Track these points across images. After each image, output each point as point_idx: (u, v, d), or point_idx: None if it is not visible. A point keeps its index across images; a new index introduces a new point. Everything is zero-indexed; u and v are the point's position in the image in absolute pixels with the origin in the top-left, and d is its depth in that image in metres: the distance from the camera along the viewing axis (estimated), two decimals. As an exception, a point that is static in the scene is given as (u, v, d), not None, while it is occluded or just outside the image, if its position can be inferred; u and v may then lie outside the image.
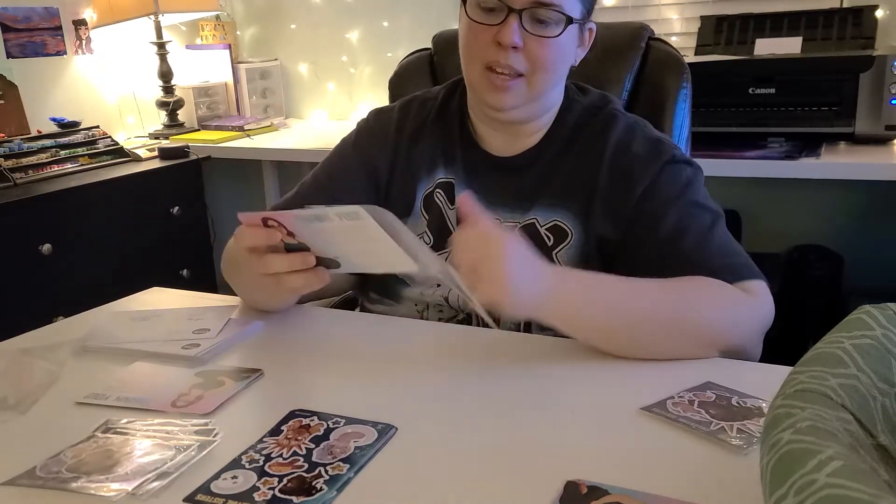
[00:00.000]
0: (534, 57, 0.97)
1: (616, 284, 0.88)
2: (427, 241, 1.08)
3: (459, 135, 1.10)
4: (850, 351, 0.53)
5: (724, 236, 0.97)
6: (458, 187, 1.08)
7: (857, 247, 2.22)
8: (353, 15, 2.92)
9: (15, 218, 2.01)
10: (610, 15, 2.50)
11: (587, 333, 0.88)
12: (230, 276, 1.09)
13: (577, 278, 0.88)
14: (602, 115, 1.06)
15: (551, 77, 1.01)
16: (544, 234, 1.03)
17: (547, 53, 0.98)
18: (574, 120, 1.07)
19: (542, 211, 1.04)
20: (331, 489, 0.65)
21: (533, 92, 1.00)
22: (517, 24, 0.95)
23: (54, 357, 0.95)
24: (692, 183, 1.00)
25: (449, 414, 0.78)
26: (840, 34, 2.13)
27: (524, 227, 1.04)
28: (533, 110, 1.04)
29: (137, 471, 0.68)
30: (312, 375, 0.90)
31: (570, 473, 0.66)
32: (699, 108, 1.34)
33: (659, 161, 1.00)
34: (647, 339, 0.87)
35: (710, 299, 0.89)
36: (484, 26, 0.97)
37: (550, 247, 1.03)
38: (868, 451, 0.47)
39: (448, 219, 1.08)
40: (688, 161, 1.03)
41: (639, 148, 1.02)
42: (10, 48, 2.46)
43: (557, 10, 0.96)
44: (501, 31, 0.95)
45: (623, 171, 1.01)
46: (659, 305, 0.87)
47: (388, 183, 1.11)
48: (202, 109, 2.91)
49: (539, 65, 0.98)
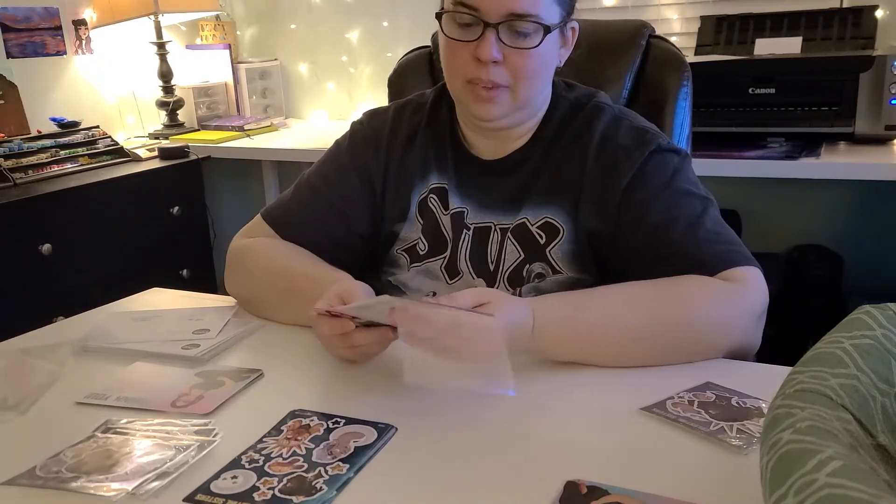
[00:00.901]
0: (515, 69, 0.96)
1: (599, 305, 0.88)
2: (422, 247, 1.08)
3: (450, 140, 1.09)
4: (850, 351, 0.53)
5: (715, 223, 0.96)
6: (450, 192, 1.07)
7: (857, 247, 2.22)
8: (352, 15, 2.92)
9: (15, 218, 2.01)
10: (610, 15, 2.50)
11: (582, 358, 0.88)
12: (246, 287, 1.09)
13: (556, 310, 0.87)
14: (587, 108, 1.05)
15: (535, 85, 1.00)
16: (536, 233, 1.02)
17: (528, 64, 0.96)
18: (560, 116, 1.06)
19: (532, 210, 1.03)
20: (331, 489, 0.65)
21: (518, 101, 0.99)
22: (494, 38, 0.93)
23: (54, 357, 0.95)
24: (679, 171, 0.99)
25: (449, 414, 0.78)
26: (840, 34, 2.13)
27: (516, 228, 1.03)
28: (520, 116, 1.03)
29: (137, 471, 0.68)
30: (312, 375, 0.90)
31: (570, 473, 0.66)
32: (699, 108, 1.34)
33: (644, 151, 0.99)
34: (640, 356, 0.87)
35: (700, 308, 0.88)
36: (462, 42, 0.96)
37: (543, 245, 1.02)
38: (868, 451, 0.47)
39: (442, 224, 1.07)
40: (675, 149, 1.01)
41: (624, 139, 1.01)
42: (10, 48, 2.46)
43: (534, 21, 0.94)
44: (479, 46, 0.94)
45: (608, 163, 1.00)
46: (646, 322, 0.86)
47: (383, 188, 1.10)
48: (202, 109, 2.91)
49: (521, 76, 0.97)
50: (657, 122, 1.12)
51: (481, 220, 1.06)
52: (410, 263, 1.08)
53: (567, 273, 1.01)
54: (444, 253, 1.07)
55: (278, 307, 1.04)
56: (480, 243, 1.05)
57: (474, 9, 0.93)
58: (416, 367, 0.82)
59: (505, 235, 1.04)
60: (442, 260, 1.07)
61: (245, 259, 1.09)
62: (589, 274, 1.01)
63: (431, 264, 1.07)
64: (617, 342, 0.87)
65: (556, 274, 1.02)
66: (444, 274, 1.07)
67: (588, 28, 1.07)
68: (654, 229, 0.95)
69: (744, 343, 0.90)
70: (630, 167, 0.98)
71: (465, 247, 1.06)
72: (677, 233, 0.94)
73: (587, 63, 1.08)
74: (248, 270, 1.08)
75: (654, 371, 0.85)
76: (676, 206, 0.96)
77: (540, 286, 1.02)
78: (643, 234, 0.96)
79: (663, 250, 0.94)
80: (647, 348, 0.86)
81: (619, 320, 0.87)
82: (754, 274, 0.91)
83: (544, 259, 1.02)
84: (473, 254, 1.05)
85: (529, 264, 1.02)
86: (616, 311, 0.88)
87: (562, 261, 1.01)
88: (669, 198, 0.97)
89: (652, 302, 0.88)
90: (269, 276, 1.05)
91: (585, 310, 0.88)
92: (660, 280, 0.90)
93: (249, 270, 1.08)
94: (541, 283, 1.02)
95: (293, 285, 1.01)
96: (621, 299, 0.89)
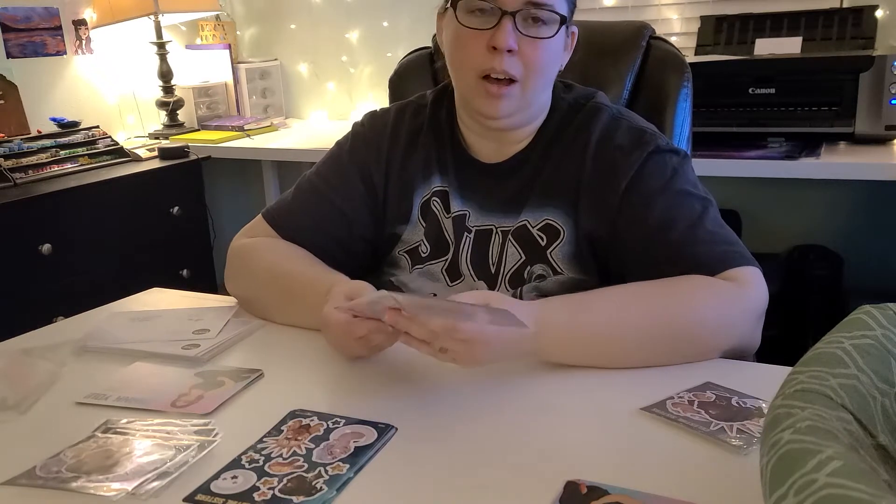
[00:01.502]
0: (528, 59, 0.96)
1: (601, 307, 0.88)
2: (424, 249, 1.08)
3: (450, 143, 1.09)
4: (850, 351, 0.53)
5: (715, 223, 0.96)
6: (452, 195, 1.07)
7: (857, 247, 2.22)
8: (353, 15, 2.92)
9: (15, 218, 2.01)
10: (610, 15, 2.50)
11: (584, 361, 0.88)
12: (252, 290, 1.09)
13: (558, 313, 0.87)
14: (585, 109, 1.05)
15: (543, 80, 1.01)
16: (536, 235, 1.02)
17: (540, 55, 0.97)
18: (559, 117, 1.06)
19: (532, 212, 1.03)
20: (331, 489, 0.65)
21: (526, 96, 0.99)
22: (511, 26, 0.94)
23: (54, 357, 0.95)
24: (678, 171, 0.99)
25: (449, 414, 0.78)
26: (840, 34, 2.13)
27: (517, 230, 1.03)
28: (524, 117, 1.03)
29: (137, 471, 0.68)
30: (312, 375, 0.90)
31: (570, 473, 0.66)
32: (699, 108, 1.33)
33: (642, 152, 0.98)
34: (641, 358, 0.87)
35: (701, 309, 0.88)
36: (476, 32, 0.95)
37: (544, 246, 1.02)
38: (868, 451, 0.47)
39: (444, 227, 1.07)
40: (674, 149, 1.01)
41: (622, 139, 1.00)
42: (10, 48, 2.46)
43: (550, 10, 0.95)
44: (496, 34, 0.94)
45: (607, 164, 1.00)
46: (648, 323, 0.86)
47: (385, 189, 1.10)
48: (202, 109, 2.91)
49: (533, 67, 0.97)
50: (657, 123, 1.12)
51: (483, 222, 1.06)
52: (412, 265, 1.08)
53: (568, 274, 1.01)
54: (445, 255, 1.06)
55: (275, 308, 1.04)
56: (482, 246, 1.05)
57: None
58: None
59: (506, 238, 1.04)
60: (443, 262, 1.07)
61: (244, 259, 1.09)
62: (589, 274, 1.01)
63: (433, 266, 1.07)
64: (619, 344, 0.86)
65: (557, 275, 1.02)
66: (444, 276, 1.06)
67: (589, 29, 1.07)
68: (653, 230, 0.95)
69: (743, 343, 0.90)
70: (629, 168, 0.98)
71: (467, 250, 1.05)
72: (677, 233, 0.94)
73: (588, 64, 1.08)
74: (247, 270, 1.08)
75: (654, 371, 0.85)
76: (676, 207, 0.96)
77: (541, 286, 1.02)
78: (643, 235, 0.96)
79: (663, 251, 0.94)
80: (648, 350, 0.86)
81: (622, 322, 0.87)
82: (754, 274, 0.91)
83: (545, 261, 1.02)
84: (475, 256, 1.05)
85: (530, 266, 1.02)
86: (618, 313, 0.87)
87: (562, 262, 1.01)
88: (669, 198, 0.96)
89: (653, 303, 0.88)
90: (266, 276, 1.05)
91: (588, 312, 0.88)
92: (660, 281, 0.91)
93: (249, 270, 1.08)
94: (541, 283, 1.02)
95: (289, 286, 1.02)
96: (623, 301, 0.89)
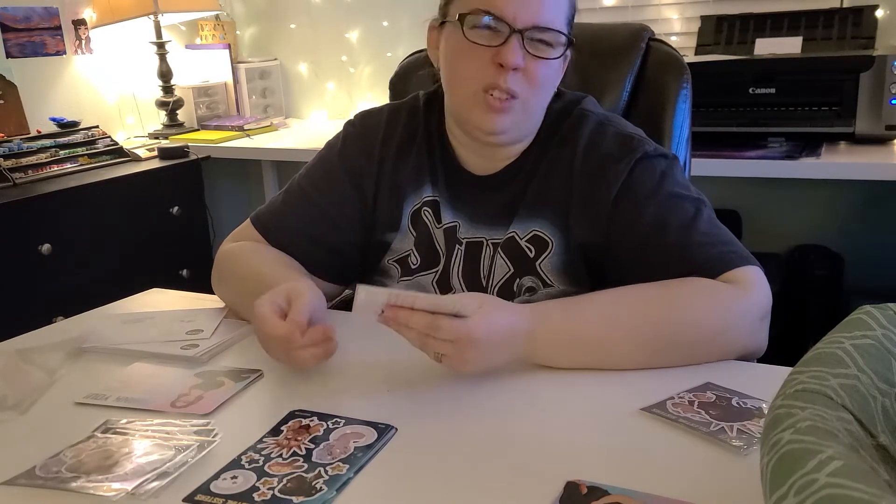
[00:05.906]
0: (532, 77, 0.95)
1: (597, 310, 0.88)
2: (414, 260, 1.07)
3: (440, 154, 1.08)
4: (851, 351, 0.53)
5: (709, 224, 0.95)
6: (442, 206, 1.06)
7: (857, 247, 2.22)
8: (352, 15, 2.92)
9: (15, 218, 2.01)
10: (610, 15, 2.50)
11: (579, 364, 0.87)
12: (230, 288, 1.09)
13: (554, 315, 0.87)
14: (572, 117, 1.04)
15: (543, 99, 1.00)
16: (525, 247, 1.01)
17: (545, 73, 0.96)
18: (547, 128, 1.04)
19: (520, 223, 1.02)
20: (330, 489, 0.65)
21: (527, 113, 0.98)
22: (519, 45, 0.93)
23: (53, 357, 0.95)
24: (667, 175, 0.97)
25: (449, 414, 0.78)
26: (840, 34, 2.13)
27: (506, 243, 1.02)
28: (520, 133, 1.02)
29: (137, 471, 0.68)
30: (312, 375, 0.90)
31: (570, 473, 0.66)
32: (699, 108, 1.33)
33: (630, 159, 0.97)
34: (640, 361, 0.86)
35: (701, 312, 0.87)
36: (482, 48, 0.94)
37: (532, 258, 1.01)
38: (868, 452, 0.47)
39: (435, 238, 1.06)
40: (661, 153, 1.00)
41: (609, 147, 0.99)
42: (9, 48, 2.46)
43: (557, 32, 0.95)
44: (503, 51, 0.93)
45: (595, 173, 0.99)
46: (646, 326, 0.86)
47: (375, 193, 1.09)
48: (202, 109, 2.91)
49: (536, 85, 0.96)
50: (657, 125, 1.12)
51: (473, 234, 1.05)
52: (401, 275, 1.07)
53: (558, 286, 1.00)
54: (436, 267, 1.06)
55: (247, 312, 1.02)
56: (473, 259, 1.04)
57: (500, 16, 0.93)
58: (368, 300, 0.81)
59: (496, 251, 1.03)
60: (433, 274, 1.06)
61: (226, 264, 1.09)
62: (581, 286, 1.00)
63: (423, 278, 1.06)
64: (616, 348, 0.86)
65: (548, 287, 1.01)
66: (435, 288, 1.06)
67: (589, 32, 1.07)
68: (647, 236, 0.94)
69: (748, 345, 0.89)
70: (617, 177, 0.97)
71: (458, 262, 1.05)
72: (671, 236, 0.93)
73: (588, 66, 1.08)
74: (229, 274, 1.08)
75: (655, 371, 0.85)
76: (668, 211, 0.95)
77: (531, 300, 1.00)
78: (637, 243, 0.95)
79: (659, 257, 0.93)
80: (647, 353, 0.86)
81: (619, 325, 0.86)
82: (756, 274, 0.90)
83: (534, 272, 1.01)
84: (466, 269, 1.04)
85: (520, 278, 1.01)
86: (615, 315, 0.87)
87: (552, 273, 1.00)
88: (660, 203, 0.95)
89: (651, 305, 0.87)
90: (241, 281, 1.05)
91: (583, 313, 0.87)
92: (659, 283, 0.89)
93: (230, 274, 1.08)
94: (532, 296, 1.01)
95: (257, 290, 0.99)
96: (619, 303, 0.88)
